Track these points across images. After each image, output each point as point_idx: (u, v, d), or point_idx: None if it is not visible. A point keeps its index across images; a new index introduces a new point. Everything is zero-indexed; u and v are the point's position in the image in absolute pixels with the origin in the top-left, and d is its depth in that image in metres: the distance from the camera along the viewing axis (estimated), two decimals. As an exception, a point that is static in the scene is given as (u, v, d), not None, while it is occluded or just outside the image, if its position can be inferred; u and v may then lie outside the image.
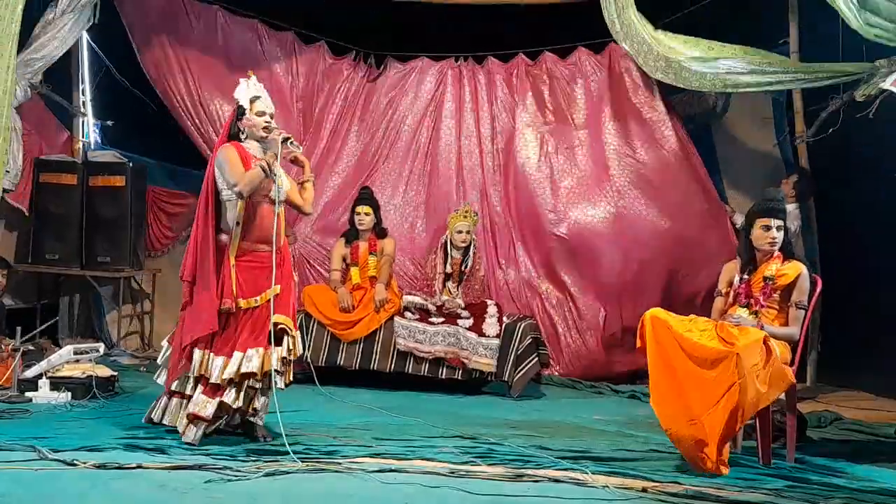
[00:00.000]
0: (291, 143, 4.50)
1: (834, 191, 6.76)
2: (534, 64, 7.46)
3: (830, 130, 6.04)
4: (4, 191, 6.46)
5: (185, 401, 4.45)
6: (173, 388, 4.51)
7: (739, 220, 6.39)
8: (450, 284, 6.61)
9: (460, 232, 6.55)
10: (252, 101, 4.53)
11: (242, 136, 4.55)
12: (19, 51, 6.08)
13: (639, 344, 4.38)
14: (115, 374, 5.82)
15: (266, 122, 4.52)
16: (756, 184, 6.77)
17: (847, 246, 6.64)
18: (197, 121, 7.27)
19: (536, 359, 6.22)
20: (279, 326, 4.41)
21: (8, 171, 6.39)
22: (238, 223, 4.44)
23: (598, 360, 6.92)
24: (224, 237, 4.49)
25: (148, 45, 7.24)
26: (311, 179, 4.68)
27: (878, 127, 5.67)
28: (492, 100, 7.47)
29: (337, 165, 7.48)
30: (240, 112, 4.55)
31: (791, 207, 6.59)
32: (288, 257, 4.72)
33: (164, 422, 4.53)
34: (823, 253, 6.80)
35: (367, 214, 6.53)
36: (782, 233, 4.49)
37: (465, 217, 6.60)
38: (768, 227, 4.48)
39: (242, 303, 4.43)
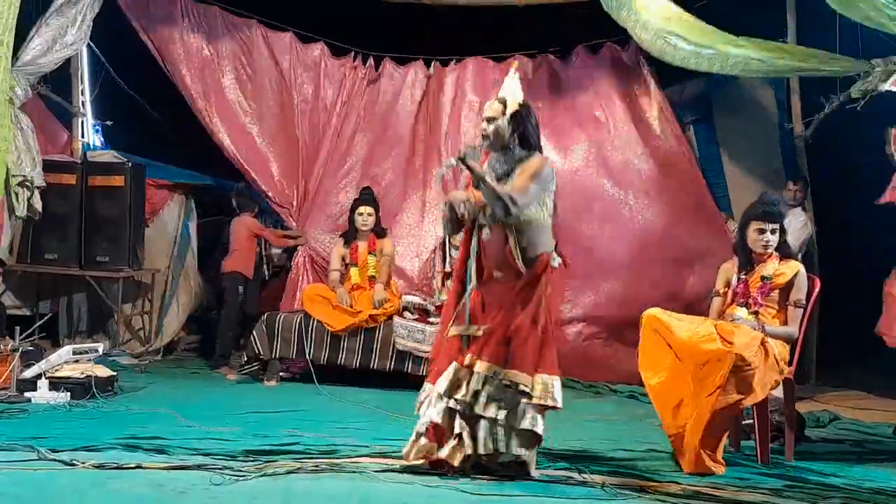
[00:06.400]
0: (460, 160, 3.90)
1: (832, 190, 6.76)
2: (531, 64, 7.41)
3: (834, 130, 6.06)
4: (37, 187, 6.46)
5: None
6: None
7: (733, 226, 6.39)
8: (449, 284, 6.59)
9: None
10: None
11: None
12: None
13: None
14: (115, 374, 5.83)
15: (483, 129, 4.09)
16: (759, 186, 6.77)
17: (845, 245, 6.64)
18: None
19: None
20: None
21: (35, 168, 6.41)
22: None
23: (596, 359, 6.92)
24: None
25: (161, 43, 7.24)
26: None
27: (875, 127, 5.68)
28: (487, 100, 7.43)
29: (339, 166, 7.47)
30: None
31: (798, 211, 6.59)
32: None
33: None
34: (822, 253, 6.81)
35: (369, 215, 6.54)
36: (777, 235, 4.49)
37: None
38: (762, 231, 4.47)
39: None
